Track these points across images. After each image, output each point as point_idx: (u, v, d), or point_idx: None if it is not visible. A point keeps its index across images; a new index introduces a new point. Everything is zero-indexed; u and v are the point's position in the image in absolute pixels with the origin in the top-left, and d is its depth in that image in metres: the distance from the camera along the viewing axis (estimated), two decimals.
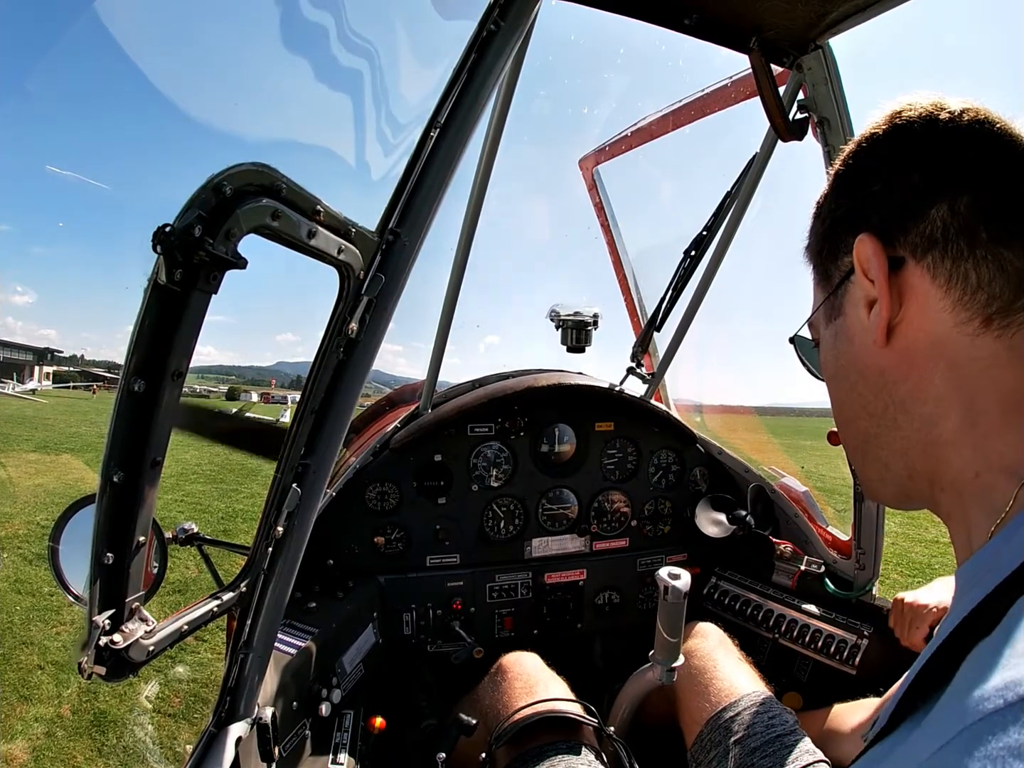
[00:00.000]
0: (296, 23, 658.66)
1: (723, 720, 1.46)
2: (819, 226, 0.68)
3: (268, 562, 1.17)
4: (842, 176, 0.66)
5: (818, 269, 0.69)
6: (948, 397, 0.55)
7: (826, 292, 0.67)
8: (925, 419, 0.57)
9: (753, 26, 1.37)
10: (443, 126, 1.08)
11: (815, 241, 0.69)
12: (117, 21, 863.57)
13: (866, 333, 0.60)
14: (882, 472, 0.64)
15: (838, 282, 0.64)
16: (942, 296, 0.55)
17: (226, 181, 0.75)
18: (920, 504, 0.63)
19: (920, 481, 0.60)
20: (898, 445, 0.61)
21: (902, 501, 0.66)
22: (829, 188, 0.67)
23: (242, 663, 1.19)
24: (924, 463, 0.59)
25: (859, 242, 0.59)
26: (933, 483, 0.59)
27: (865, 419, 0.64)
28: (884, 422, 0.61)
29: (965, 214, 0.54)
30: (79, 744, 3.62)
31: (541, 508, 2.28)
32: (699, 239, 2.02)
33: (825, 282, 0.67)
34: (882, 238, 0.58)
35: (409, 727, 1.86)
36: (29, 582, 6.02)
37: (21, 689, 4.16)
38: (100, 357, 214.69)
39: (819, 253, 0.68)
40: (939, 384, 0.56)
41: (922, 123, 0.59)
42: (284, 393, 73.44)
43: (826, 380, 0.71)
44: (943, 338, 0.55)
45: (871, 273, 0.58)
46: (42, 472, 11.79)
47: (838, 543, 2.01)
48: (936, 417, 0.56)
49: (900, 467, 0.62)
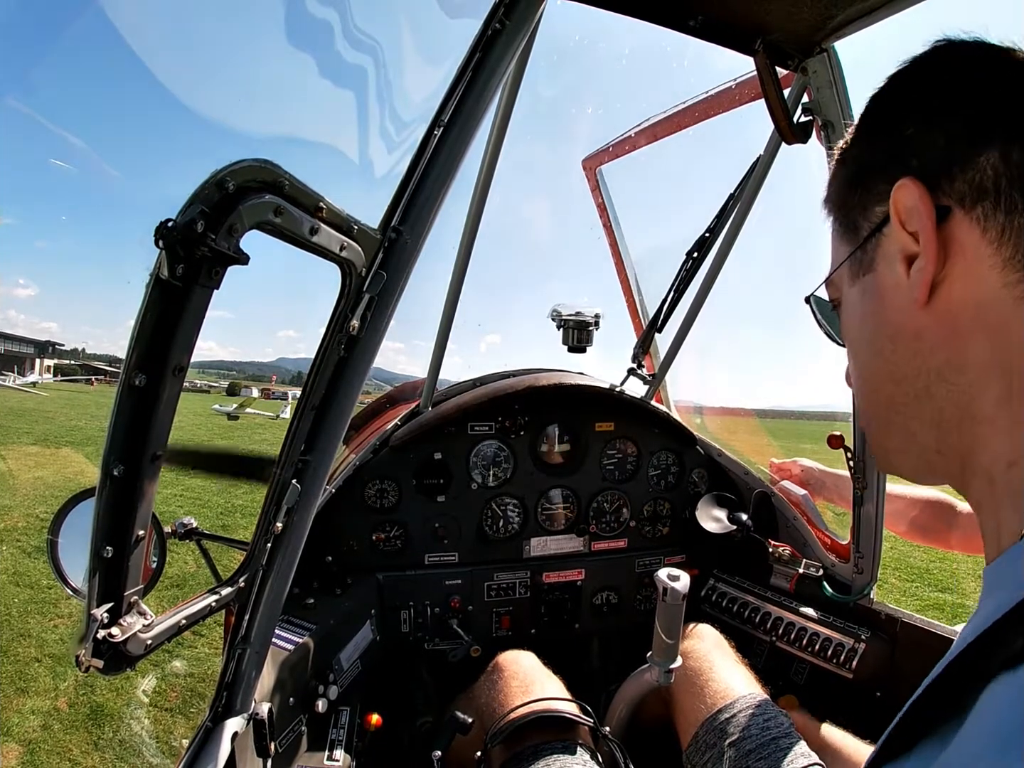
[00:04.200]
0: (302, 20, 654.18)
1: (719, 722, 1.46)
2: (843, 172, 0.62)
3: (267, 558, 1.17)
4: (873, 116, 0.59)
5: (841, 221, 0.62)
6: (990, 367, 0.50)
7: (852, 246, 0.60)
8: (963, 390, 0.51)
9: (758, 28, 1.37)
10: (447, 124, 1.08)
11: (838, 189, 0.63)
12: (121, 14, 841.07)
13: (901, 291, 0.54)
14: (906, 442, 0.59)
15: (867, 234, 0.57)
16: (992, 253, 0.49)
17: (229, 177, 0.75)
18: (942, 480, 0.58)
19: (950, 457, 0.55)
20: (929, 416, 0.55)
21: (922, 474, 0.60)
22: (856, 130, 0.61)
23: (239, 658, 1.19)
24: (958, 439, 0.53)
25: (900, 188, 0.52)
26: (965, 465, 0.53)
27: (893, 386, 0.58)
28: (915, 391, 0.55)
29: (1020, 163, 0.49)
30: (75, 737, 3.63)
31: (540, 507, 2.28)
32: (701, 241, 2.01)
33: (850, 235, 0.60)
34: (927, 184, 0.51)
35: (405, 724, 1.87)
36: (28, 575, 6.03)
37: (18, 682, 4.17)
38: (101, 351, 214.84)
39: (843, 203, 0.61)
40: (980, 352, 0.50)
41: (968, 60, 0.53)
42: (285, 389, 73.48)
43: (848, 344, 0.65)
44: (989, 300, 0.49)
45: (912, 224, 0.52)
46: (42, 465, 11.82)
47: (836, 546, 2.01)
48: (977, 389, 0.51)
49: (930, 439, 0.56)
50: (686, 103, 2.14)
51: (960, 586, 7.33)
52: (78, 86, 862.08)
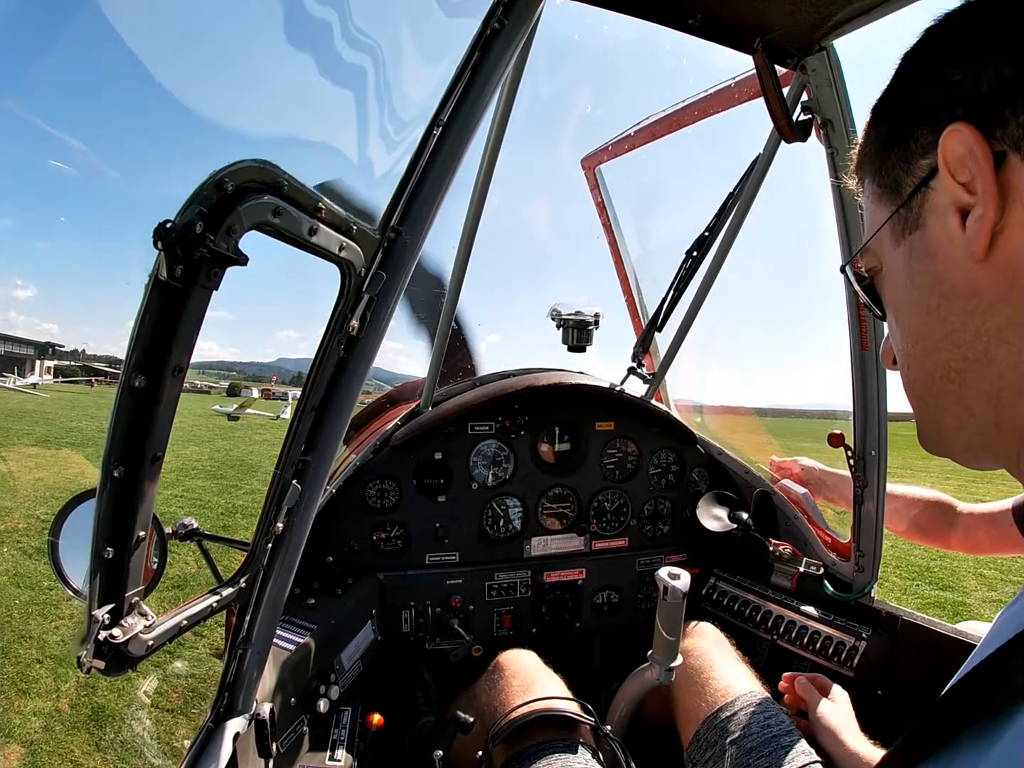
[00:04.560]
0: (299, 19, 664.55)
1: (720, 720, 1.46)
2: (878, 132, 0.59)
3: (268, 558, 1.17)
4: (909, 70, 0.56)
5: (879, 181, 0.59)
6: None
7: (894, 205, 0.56)
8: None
9: (757, 27, 1.36)
10: (446, 124, 1.08)
11: (874, 150, 0.59)
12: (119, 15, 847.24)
13: (955, 246, 0.50)
14: (961, 417, 0.55)
15: (912, 190, 0.54)
16: None
17: (228, 178, 0.75)
18: (997, 462, 0.54)
19: (1008, 434, 0.51)
20: (987, 385, 0.51)
21: (978, 456, 0.57)
22: (890, 87, 0.58)
23: (241, 659, 1.19)
24: (1020, 409, 0.49)
25: (949, 135, 0.49)
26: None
27: (948, 351, 0.53)
28: (973, 354, 0.51)
29: None
30: (77, 738, 3.63)
31: (541, 507, 2.28)
32: (701, 240, 2.01)
33: (891, 195, 0.57)
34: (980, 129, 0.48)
35: (407, 724, 1.87)
36: (28, 576, 6.03)
37: (19, 683, 4.17)
38: (102, 352, 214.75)
39: (881, 162, 0.58)
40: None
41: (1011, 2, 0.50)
42: (285, 390, 73.46)
43: (894, 311, 0.61)
44: None
45: (964, 173, 0.48)
46: (42, 466, 11.82)
47: (837, 545, 2.01)
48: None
49: (987, 412, 0.52)
50: (685, 102, 2.13)
51: (961, 584, 7.34)
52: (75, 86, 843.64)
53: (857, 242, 1.57)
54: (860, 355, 1.70)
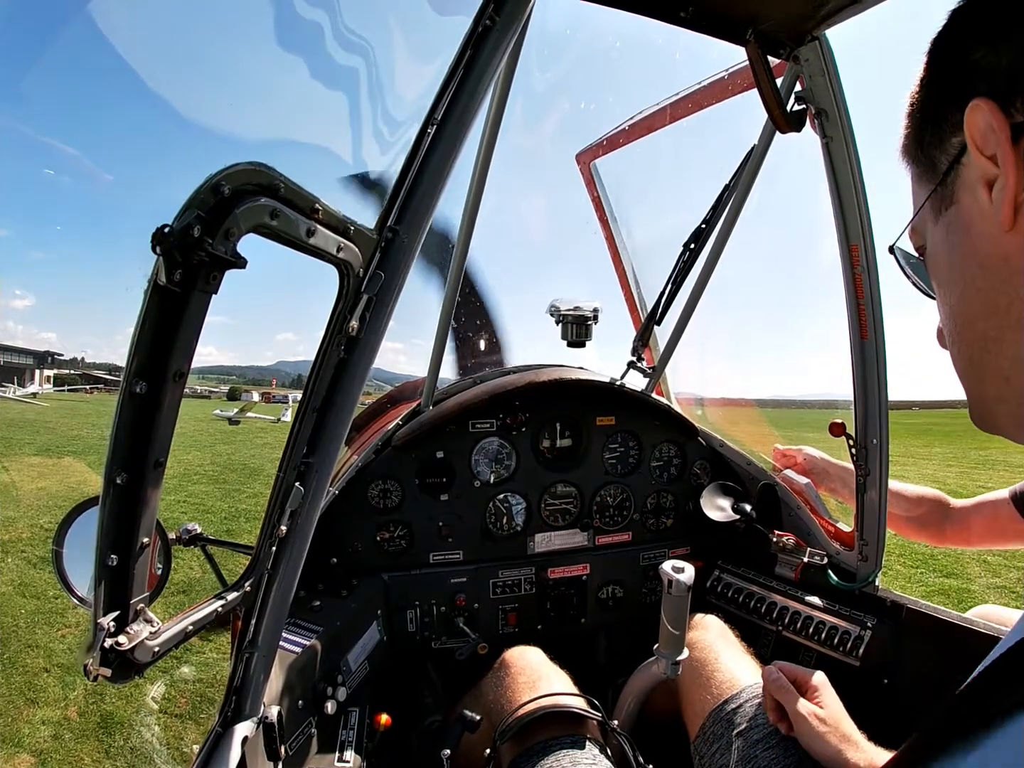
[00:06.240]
0: (290, 21, 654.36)
1: (725, 712, 1.46)
2: (915, 116, 0.61)
3: (272, 561, 1.17)
4: (937, 54, 0.59)
5: (920, 162, 0.61)
6: None
7: (932, 184, 0.59)
8: None
9: (749, 18, 1.36)
10: (440, 122, 1.08)
11: (913, 132, 0.62)
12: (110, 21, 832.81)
13: (986, 218, 0.53)
14: (1001, 388, 0.56)
15: (946, 167, 0.57)
16: None
17: (224, 181, 0.74)
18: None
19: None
20: (1022, 352, 0.52)
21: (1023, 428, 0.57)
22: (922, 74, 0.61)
23: (247, 662, 1.19)
24: None
25: (972, 111, 0.51)
26: None
27: (984, 320, 0.55)
28: (1008, 322, 0.53)
29: None
30: (86, 746, 3.64)
31: (544, 503, 2.28)
32: (698, 232, 2.01)
33: (929, 174, 0.60)
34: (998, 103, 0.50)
35: (414, 724, 1.87)
36: (34, 585, 6.04)
37: (27, 692, 4.18)
38: (101, 359, 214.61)
39: (920, 143, 0.61)
40: None
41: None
42: (285, 392, 73.48)
43: (939, 288, 0.63)
44: None
45: (989, 147, 0.51)
46: (45, 475, 11.83)
47: (841, 535, 2.02)
48: None
49: None
50: (679, 95, 2.13)
51: (965, 571, 7.35)
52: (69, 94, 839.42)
53: (854, 230, 1.57)
54: (860, 344, 1.70)
